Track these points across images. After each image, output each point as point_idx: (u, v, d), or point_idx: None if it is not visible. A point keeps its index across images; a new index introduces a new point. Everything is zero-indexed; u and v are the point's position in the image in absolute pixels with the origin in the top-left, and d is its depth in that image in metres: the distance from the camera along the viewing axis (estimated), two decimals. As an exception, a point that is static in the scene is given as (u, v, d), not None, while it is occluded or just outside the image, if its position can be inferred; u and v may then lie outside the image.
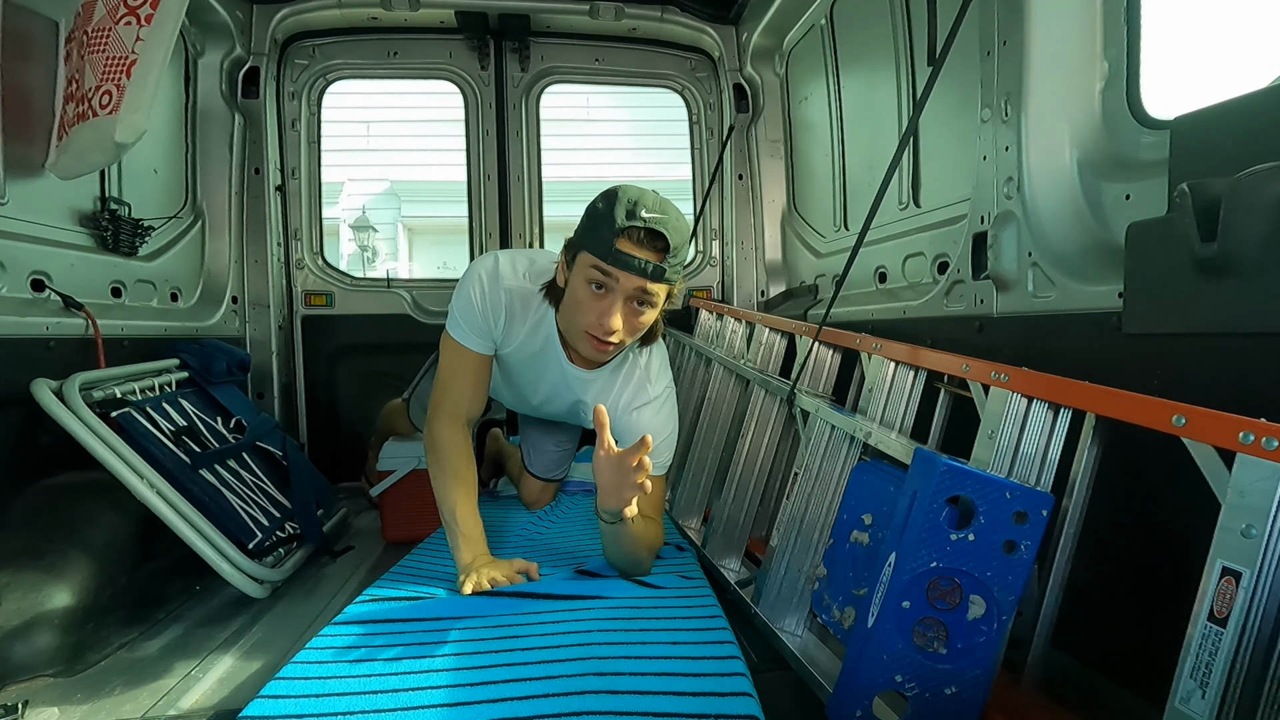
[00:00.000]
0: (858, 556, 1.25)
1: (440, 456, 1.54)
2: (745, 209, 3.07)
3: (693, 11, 2.92)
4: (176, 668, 1.36)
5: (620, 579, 1.56)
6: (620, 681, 1.10)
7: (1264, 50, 1.09)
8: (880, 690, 1.04)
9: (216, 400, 2.08)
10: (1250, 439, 0.79)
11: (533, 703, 1.05)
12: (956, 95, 1.65)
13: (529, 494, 2.27)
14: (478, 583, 1.43)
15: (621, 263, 1.34)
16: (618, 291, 1.37)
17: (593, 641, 1.24)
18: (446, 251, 9.93)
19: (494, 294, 1.54)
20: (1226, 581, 0.78)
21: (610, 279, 1.36)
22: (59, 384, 1.60)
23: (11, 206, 1.67)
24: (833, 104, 2.49)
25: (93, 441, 1.56)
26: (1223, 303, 0.97)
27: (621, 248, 1.33)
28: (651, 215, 1.32)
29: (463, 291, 1.56)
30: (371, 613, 1.41)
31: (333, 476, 2.50)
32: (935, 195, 1.92)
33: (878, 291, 2.13)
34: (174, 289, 2.37)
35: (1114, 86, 1.33)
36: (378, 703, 1.07)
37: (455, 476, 1.54)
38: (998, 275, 1.48)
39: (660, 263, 1.35)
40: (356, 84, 3.13)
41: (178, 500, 1.61)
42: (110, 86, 1.66)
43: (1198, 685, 0.78)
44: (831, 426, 1.49)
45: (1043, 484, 1.10)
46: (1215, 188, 0.95)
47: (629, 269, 1.34)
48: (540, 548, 1.83)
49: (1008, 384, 1.16)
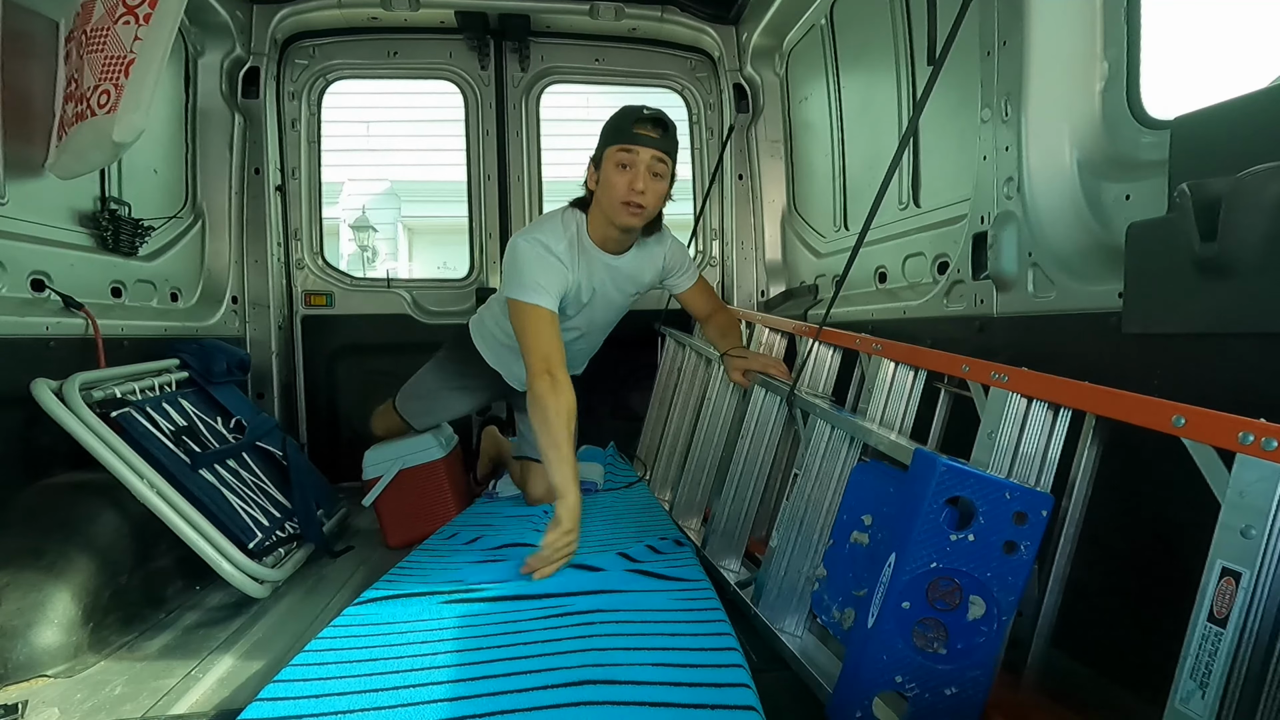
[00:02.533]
0: (858, 557, 1.25)
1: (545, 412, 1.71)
2: (745, 209, 3.07)
3: (693, 11, 2.92)
4: (176, 668, 1.36)
5: (620, 571, 1.57)
6: (619, 672, 1.11)
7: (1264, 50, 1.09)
8: (880, 691, 1.04)
9: (216, 400, 2.08)
10: (1250, 439, 0.79)
11: (533, 695, 1.06)
12: (956, 95, 1.65)
13: (537, 488, 2.26)
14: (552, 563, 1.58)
15: (638, 139, 1.81)
16: (639, 163, 1.81)
17: (592, 634, 1.25)
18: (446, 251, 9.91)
19: (544, 244, 1.87)
20: (1226, 582, 0.78)
21: (632, 154, 1.81)
22: (59, 384, 1.60)
23: (11, 206, 1.67)
24: (833, 104, 2.49)
25: (93, 441, 1.57)
26: (1223, 303, 0.97)
27: (637, 130, 1.81)
28: (650, 109, 1.84)
29: (527, 260, 1.84)
30: (371, 613, 1.41)
31: (333, 476, 2.49)
32: (935, 195, 1.92)
33: (878, 291, 2.12)
34: (174, 289, 2.37)
35: (1114, 86, 1.33)
36: (378, 699, 1.07)
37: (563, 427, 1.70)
38: (998, 275, 1.48)
39: (664, 139, 1.82)
40: (356, 84, 3.13)
41: (178, 500, 1.61)
42: (108, 86, 1.66)
43: (1198, 685, 0.78)
44: (831, 426, 1.49)
45: (1043, 484, 1.10)
46: (1215, 188, 0.95)
47: (645, 143, 1.81)
48: None
49: (1008, 384, 1.16)
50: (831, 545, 1.34)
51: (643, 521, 2.07)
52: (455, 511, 2.21)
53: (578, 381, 1.87)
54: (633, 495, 2.40)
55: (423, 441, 2.22)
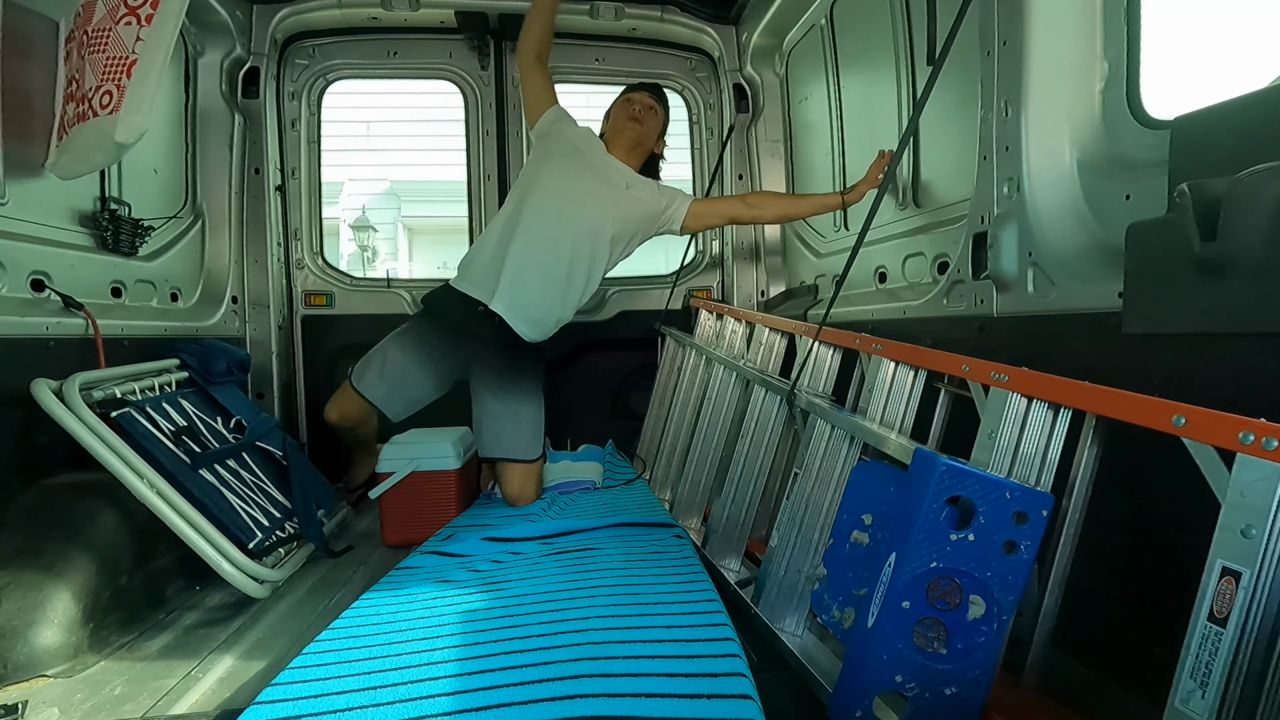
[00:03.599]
0: (858, 556, 1.25)
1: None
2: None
3: (693, 11, 2.92)
4: (176, 668, 1.36)
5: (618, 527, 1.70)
6: (618, 664, 1.12)
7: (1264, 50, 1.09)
8: (880, 690, 1.04)
9: (216, 400, 2.08)
10: (1250, 439, 0.79)
11: (532, 688, 1.06)
12: (956, 95, 1.65)
13: (511, 486, 2.26)
14: None
15: (635, 89, 2.51)
16: (635, 101, 2.45)
17: (591, 627, 1.26)
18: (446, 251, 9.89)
19: None
20: (1226, 581, 0.78)
21: (629, 98, 2.47)
22: (59, 384, 1.60)
23: (11, 206, 1.67)
24: (833, 104, 2.49)
25: (93, 442, 1.56)
26: (1223, 303, 0.97)
27: (632, 88, 2.52)
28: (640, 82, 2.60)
29: None
30: (371, 614, 1.41)
31: (333, 476, 2.49)
32: (935, 195, 1.92)
33: (878, 291, 2.12)
34: (174, 289, 2.37)
35: (1114, 86, 1.33)
36: (378, 698, 1.07)
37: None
38: (998, 275, 1.48)
39: (655, 92, 2.51)
40: (356, 84, 3.12)
41: (178, 500, 1.61)
42: (110, 86, 1.66)
43: (1198, 685, 0.78)
44: (831, 426, 1.49)
45: (1043, 484, 1.10)
46: (1215, 188, 0.95)
47: (638, 90, 2.49)
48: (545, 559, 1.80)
49: (1008, 384, 1.16)
50: (831, 545, 1.34)
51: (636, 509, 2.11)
52: None
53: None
54: (631, 491, 2.40)
55: (441, 448, 2.22)
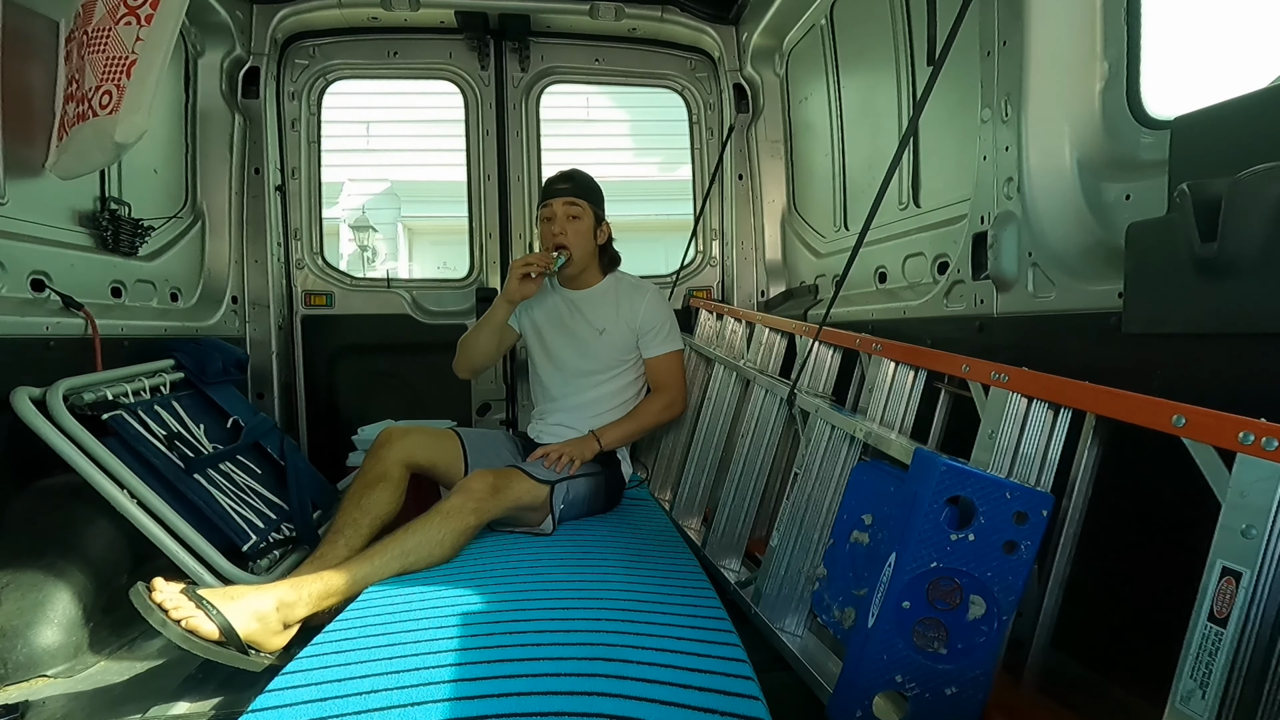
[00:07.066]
0: (858, 556, 1.25)
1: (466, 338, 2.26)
2: (745, 209, 3.06)
3: (692, 11, 2.92)
4: (176, 668, 1.36)
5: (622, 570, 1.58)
6: (627, 669, 1.11)
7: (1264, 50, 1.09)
8: (880, 690, 1.04)
9: (213, 400, 2.07)
10: (1250, 439, 0.79)
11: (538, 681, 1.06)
12: (956, 95, 1.65)
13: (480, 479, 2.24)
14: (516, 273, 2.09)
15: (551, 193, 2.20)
16: (556, 217, 2.17)
17: (598, 630, 1.25)
18: (446, 252, 9.90)
19: None
20: (1226, 581, 0.78)
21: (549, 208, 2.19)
22: (43, 391, 1.57)
23: (11, 206, 1.67)
24: (833, 104, 2.49)
25: (71, 452, 1.53)
26: (1223, 303, 0.97)
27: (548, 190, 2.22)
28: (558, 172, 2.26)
29: None
30: (371, 613, 1.41)
31: (333, 476, 2.49)
32: (935, 195, 1.92)
33: (878, 291, 2.12)
34: (174, 289, 2.37)
35: (1114, 86, 1.33)
36: (379, 699, 1.07)
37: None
38: (998, 275, 1.48)
39: (573, 187, 2.20)
40: (356, 84, 3.13)
41: (162, 508, 1.58)
42: (110, 86, 1.66)
43: (1198, 685, 0.78)
44: (831, 426, 1.49)
45: (1043, 484, 1.10)
46: (1215, 188, 0.95)
47: (556, 194, 2.19)
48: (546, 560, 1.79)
49: (1008, 384, 1.16)
50: (832, 545, 1.34)
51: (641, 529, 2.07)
52: None
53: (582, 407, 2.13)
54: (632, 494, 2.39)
55: None
